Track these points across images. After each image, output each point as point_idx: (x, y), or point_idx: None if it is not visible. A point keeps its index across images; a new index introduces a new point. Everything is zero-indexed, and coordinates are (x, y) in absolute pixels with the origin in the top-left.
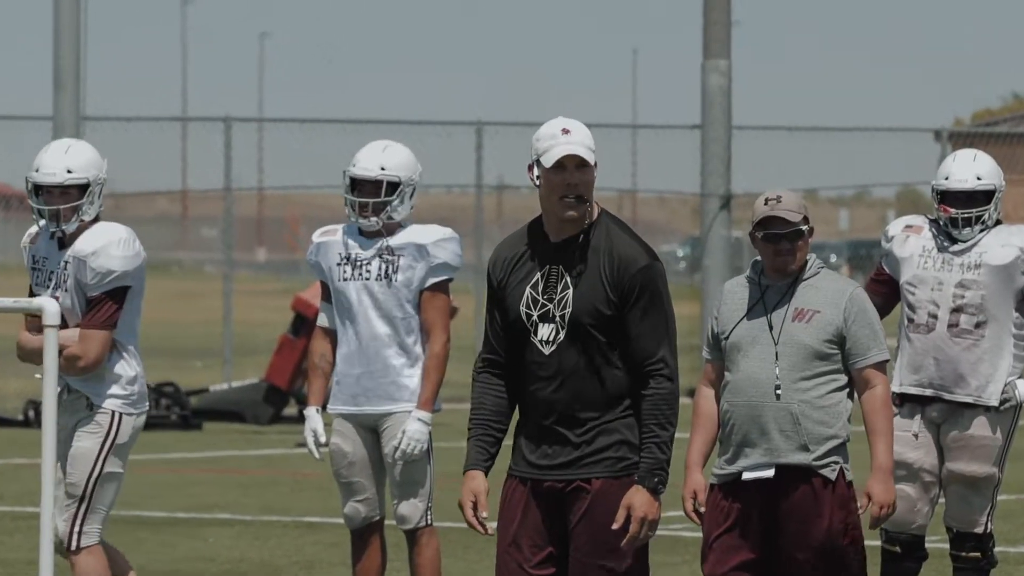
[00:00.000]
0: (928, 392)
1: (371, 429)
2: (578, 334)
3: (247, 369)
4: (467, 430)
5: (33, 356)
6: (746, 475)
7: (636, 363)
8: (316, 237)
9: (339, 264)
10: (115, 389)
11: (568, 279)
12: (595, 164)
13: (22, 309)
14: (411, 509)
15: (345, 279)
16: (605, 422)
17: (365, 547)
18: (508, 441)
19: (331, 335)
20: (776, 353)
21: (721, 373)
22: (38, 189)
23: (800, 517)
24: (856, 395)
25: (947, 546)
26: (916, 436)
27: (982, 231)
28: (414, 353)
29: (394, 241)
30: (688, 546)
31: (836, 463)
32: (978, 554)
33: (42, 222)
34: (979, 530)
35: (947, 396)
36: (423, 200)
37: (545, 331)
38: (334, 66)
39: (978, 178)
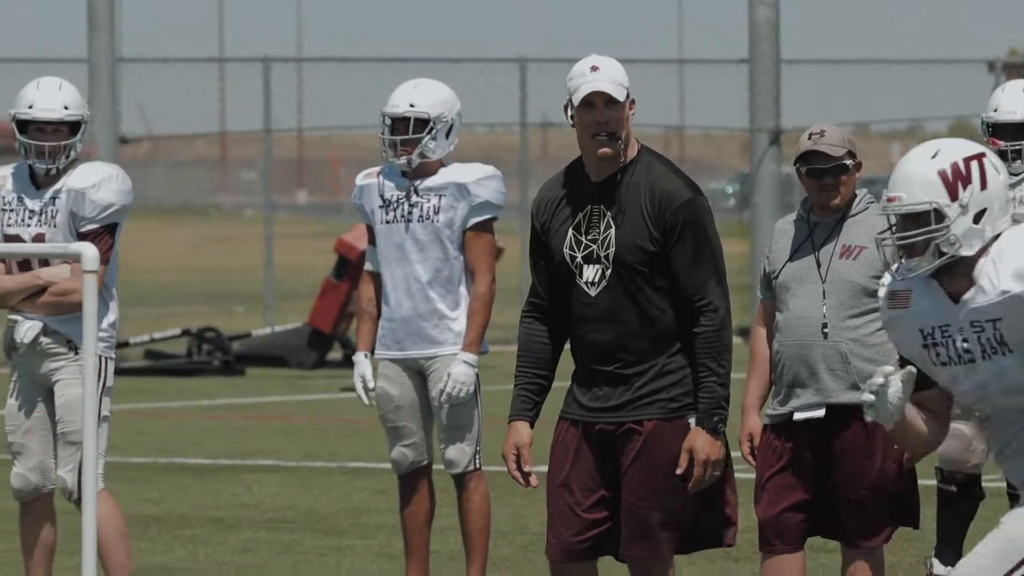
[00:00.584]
0: None
1: (418, 372)
2: (624, 273)
3: (290, 314)
4: (514, 377)
5: (6, 299)
6: (797, 415)
7: (684, 301)
8: (359, 179)
9: (381, 207)
10: (98, 332)
11: (610, 218)
12: (630, 100)
13: (58, 254)
14: (458, 453)
15: (387, 221)
16: (655, 363)
17: (413, 492)
18: (559, 383)
19: (377, 279)
20: (824, 291)
21: (774, 313)
22: (25, 126)
23: (853, 457)
24: None
25: (1005, 485)
26: None
27: None
28: (459, 295)
29: (434, 181)
30: (742, 486)
31: None
32: None
33: (30, 160)
34: None
35: None
36: (466, 139)
37: (590, 272)
38: (373, 4)
39: None
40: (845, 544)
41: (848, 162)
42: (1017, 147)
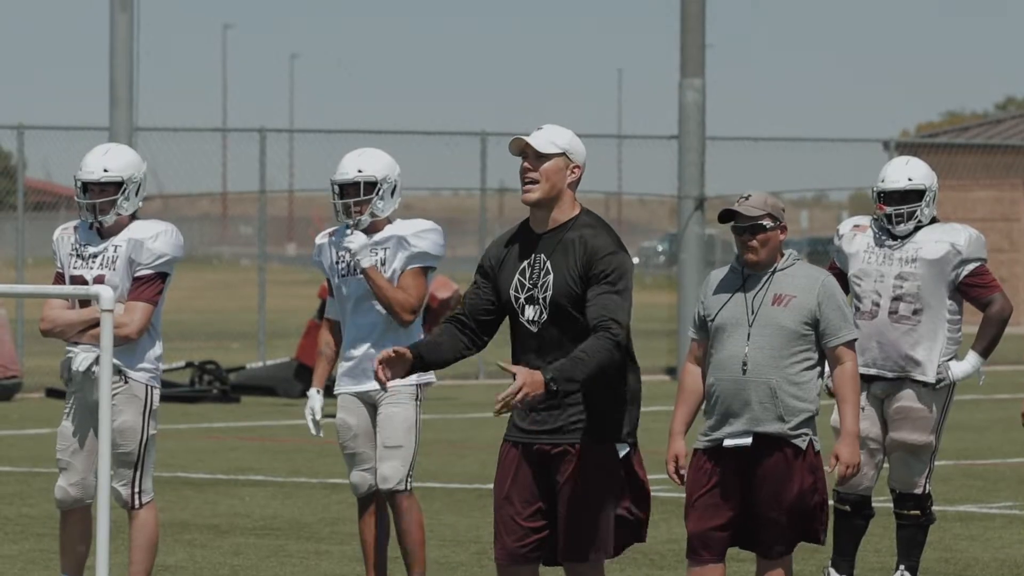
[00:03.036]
0: (872, 371)
1: (372, 405)
2: (558, 313)
3: (279, 349)
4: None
5: (67, 330)
6: (727, 442)
7: (591, 324)
8: (317, 239)
9: (336, 262)
10: (145, 364)
11: (549, 265)
12: (572, 165)
13: (80, 295)
14: (391, 471)
15: (342, 275)
16: (586, 392)
17: (367, 511)
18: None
19: (336, 325)
20: (749, 334)
21: (706, 352)
22: (85, 186)
23: (774, 480)
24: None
25: (891, 505)
26: (863, 409)
27: (917, 228)
28: (412, 335)
29: (379, 236)
30: (664, 504)
31: (807, 434)
32: (918, 512)
33: (85, 215)
34: (918, 491)
35: (888, 375)
36: (432, 202)
37: (531, 311)
38: (356, 82)
39: (909, 179)
40: (761, 554)
41: (766, 223)
42: (900, 211)
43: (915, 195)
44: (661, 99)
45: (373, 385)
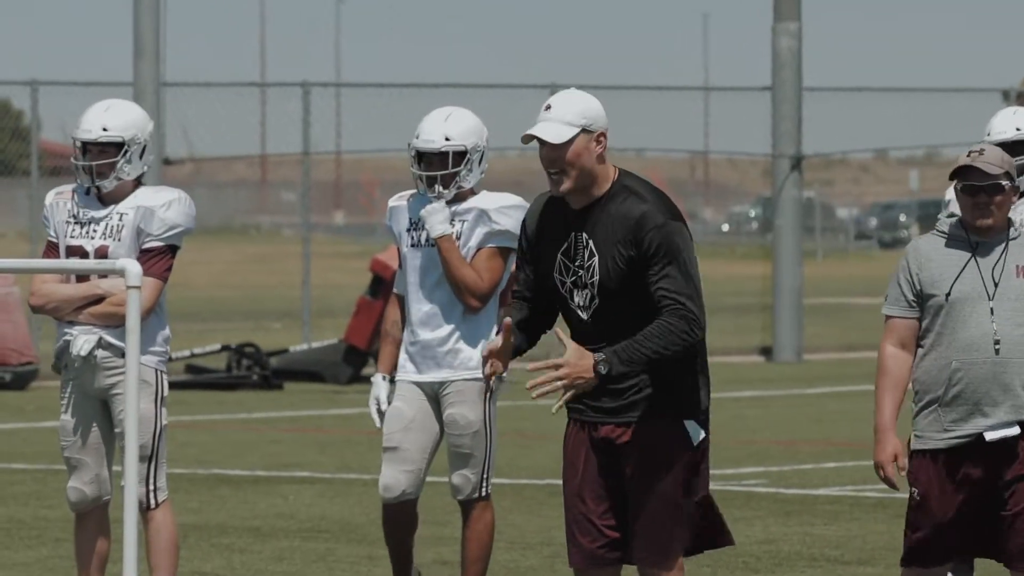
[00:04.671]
0: None
1: (435, 399)
2: (611, 299)
3: (326, 330)
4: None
5: (63, 307)
6: (990, 435)
7: (657, 306)
8: (392, 201)
9: (408, 230)
10: (154, 347)
11: (592, 247)
12: (596, 134)
13: (104, 270)
14: (462, 480)
15: (412, 245)
16: (652, 375)
17: (393, 522)
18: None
19: (403, 301)
20: (997, 309)
21: (916, 331)
22: (84, 146)
23: None
24: None
25: None
26: None
27: None
28: (478, 321)
29: (460, 207)
30: (762, 501)
31: None
32: None
33: (83, 178)
34: None
35: None
36: (498, 163)
37: (580, 297)
38: (409, 29)
39: (1017, 129)
40: (1010, 565)
41: (1004, 182)
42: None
43: (1022, 146)
44: (752, 46)
45: (439, 375)
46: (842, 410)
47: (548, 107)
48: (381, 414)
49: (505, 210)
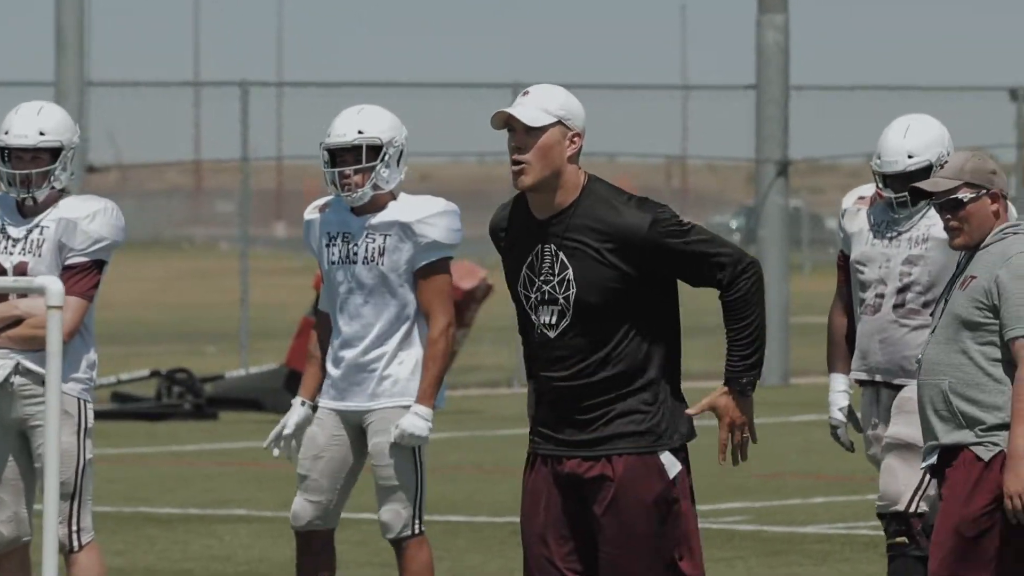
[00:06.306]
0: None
1: (358, 428)
2: (585, 314)
3: (266, 354)
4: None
5: None
6: None
7: (719, 285)
8: (307, 214)
9: (327, 245)
10: (78, 373)
11: (564, 259)
12: (572, 133)
13: (22, 288)
14: (392, 516)
15: (332, 262)
16: (623, 402)
17: (307, 553)
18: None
19: (329, 320)
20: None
21: None
22: (6, 154)
23: None
24: None
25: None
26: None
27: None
28: (408, 344)
29: (380, 218)
30: (744, 540)
31: None
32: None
33: (8, 190)
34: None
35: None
36: (455, 170)
37: (547, 315)
38: (358, 25)
39: (909, 156)
40: None
41: (963, 195)
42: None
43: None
44: (735, 41)
45: (362, 403)
46: (832, 440)
47: (527, 93)
48: (278, 439)
49: (428, 220)
